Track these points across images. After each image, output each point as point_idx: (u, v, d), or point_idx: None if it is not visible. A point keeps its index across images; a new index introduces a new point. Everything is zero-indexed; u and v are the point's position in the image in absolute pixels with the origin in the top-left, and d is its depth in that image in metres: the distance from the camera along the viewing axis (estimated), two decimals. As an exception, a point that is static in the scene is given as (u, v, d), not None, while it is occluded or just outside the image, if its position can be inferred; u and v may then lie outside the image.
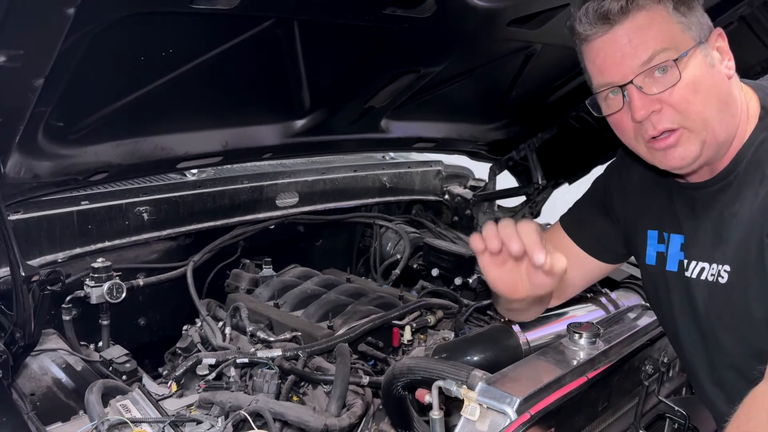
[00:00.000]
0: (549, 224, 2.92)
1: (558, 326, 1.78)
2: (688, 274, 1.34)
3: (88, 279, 2.00)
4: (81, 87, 1.45)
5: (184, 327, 2.12)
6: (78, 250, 2.05)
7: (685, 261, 1.35)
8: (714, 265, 1.28)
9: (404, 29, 1.70)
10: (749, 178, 1.22)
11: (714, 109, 1.18)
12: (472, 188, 3.21)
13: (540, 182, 2.76)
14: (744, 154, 1.23)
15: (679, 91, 1.16)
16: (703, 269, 1.31)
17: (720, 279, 1.26)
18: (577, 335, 1.45)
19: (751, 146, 1.23)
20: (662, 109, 1.17)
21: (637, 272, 2.19)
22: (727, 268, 1.24)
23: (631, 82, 1.17)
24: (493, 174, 2.98)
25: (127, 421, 1.40)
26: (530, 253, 1.12)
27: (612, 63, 1.19)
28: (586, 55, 1.25)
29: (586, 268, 1.58)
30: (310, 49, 1.74)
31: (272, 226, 2.58)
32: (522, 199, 2.92)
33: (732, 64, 1.23)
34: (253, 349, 1.82)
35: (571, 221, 1.60)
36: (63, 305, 1.96)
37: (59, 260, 2.00)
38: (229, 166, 2.51)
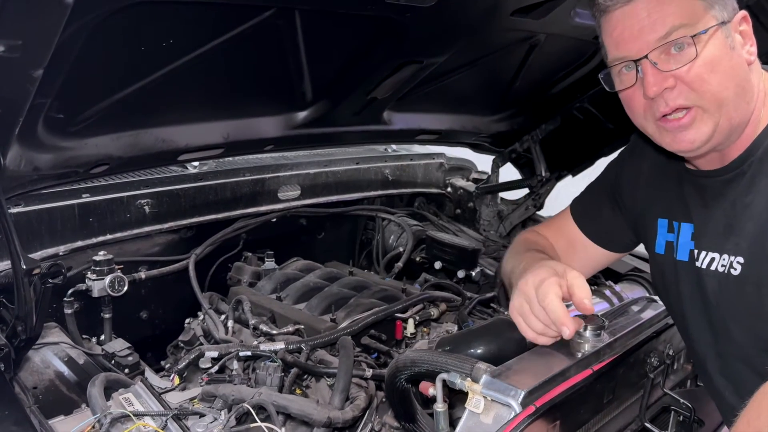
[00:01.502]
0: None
1: (562, 319, 1.76)
2: (698, 264, 1.32)
3: (89, 272, 2.00)
4: (81, 78, 1.44)
5: (187, 320, 2.11)
6: (79, 243, 2.05)
7: (696, 251, 1.33)
8: (725, 256, 1.26)
9: (407, 19, 1.68)
10: (764, 167, 1.19)
11: (730, 92, 1.15)
12: (475, 181, 3.19)
13: (543, 174, 2.75)
14: (760, 143, 1.21)
15: (695, 69, 1.13)
16: (713, 260, 1.29)
17: (732, 270, 1.24)
18: (582, 327, 1.44)
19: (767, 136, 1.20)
20: (676, 86, 1.15)
21: (641, 265, 2.19)
22: (740, 259, 1.22)
23: (646, 56, 1.15)
24: (496, 166, 2.97)
25: (130, 414, 1.40)
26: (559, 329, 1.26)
27: (629, 36, 1.17)
28: (604, 28, 1.23)
29: (592, 256, 1.58)
30: (312, 40, 1.72)
31: (274, 219, 2.58)
32: (525, 191, 2.90)
33: (754, 49, 1.19)
34: (255, 342, 1.82)
35: (580, 211, 1.59)
36: (65, 298, 1.96)
37: (60, 253, 1.99)
38: (230, 158, 2.51)
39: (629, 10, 1.16)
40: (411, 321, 1.98)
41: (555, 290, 1.23)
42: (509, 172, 2.98)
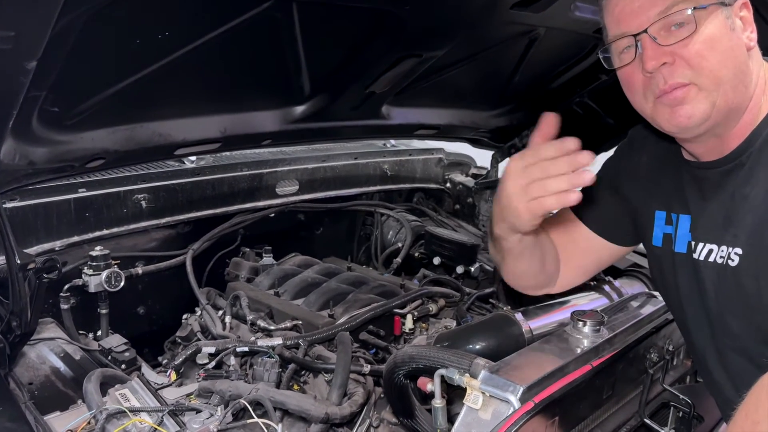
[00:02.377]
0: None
1: (561, 314, 1.76)
2: (696, 255, 1.32)
3: (86, 267, 1.98)
4: (76, 71, 1.42)
5: (184, 316, 2.10)
6: (75, 238, 2.04)
7: (693, 242, 1.33)
8: (723, 248, 1.25)
9: (406, 12, 1.66)
10: (763, 158, 1.19)
11: (729, 71, 1.15)
12: (474, 176, 3.19)
13: (543, 169, 2.73)
14: (759, 134, 1.20)
15: (694, 45, 1.13)
16: (711, 251, 1.28)
17: (730, 262, 1.23)
18: (581, 323, 1.43)
19: (767, 126, 1.20)
20: (675, 62, 1.15)
21: (641, 260, 2.18)
22: (738, 251, 1.22)
23: (645, 31, 1.15)
24: (495, 161, 2.95)
25: (126, 410, 1.39)
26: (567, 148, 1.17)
27: (630, 11, 1.18)
28: (606, 7, 1.24)
29: (597, 251, 1.57)
30: (310, 33, 1.70)
31: (272, 215, 2.56)
32: (524, 186, 2.88)
33: (754, 36, 1.19)
34: (253, 338, 1.81)
35: (582, 204, 1.58)
36: (61, 294, 1.94)
37: (56, 248, 1.98)
38: (228, 153, 2.49)
39: None
40: (409, 316, 1.97)
41: (528, 150, 1.21)
42: (508, 168, 2.97)
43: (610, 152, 1.70)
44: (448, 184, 3.17)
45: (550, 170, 1.18)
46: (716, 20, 1.14)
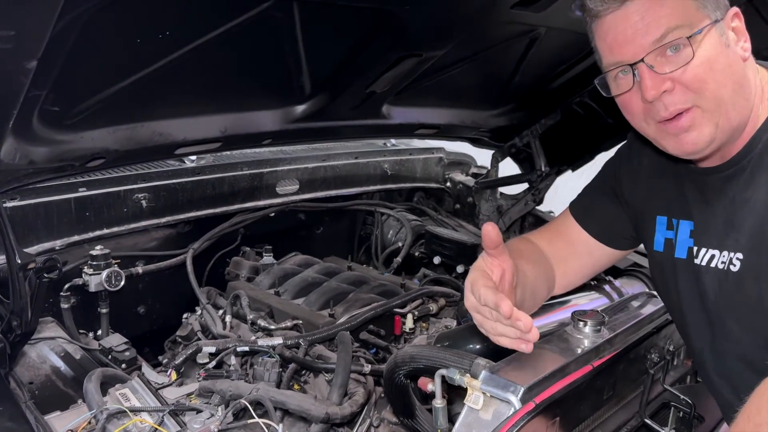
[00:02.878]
0: (552, 212, 2.92)
1: (561, 314, 1.75)
2: (697, 261, 1.31)
3: (86, 267, 1.98)
4: (76, 70, 1.42)
5: (184, 315, 2.11)
6: (76, 238, 2.04)
7: (695, 248, 1.32)
8: (725, 253, 1.25)
9: (406, 11, 1.66)
10: (764, 162, 1.18)
11: (728, 90, 1.14)
12: (474, 175, 3.18)
13: (543, 169, 2.73)
14: (759, 138, 1.20)
15: (692, 69, 1.12)
16: (713, 257, 1.28)
17: (732, 267, 1.23)
18: (581, 323, 1.43)
19: (767, 130, 1.19)
20: (674, 88, 1.13)
21: (641, 260, 2.18)
22: (740, 256, 1.21)
23: (641, 60, 1.13)
24: (495, 161, 2.95)
25: (126, 410, 1.39)
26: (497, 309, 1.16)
27: (623, 40, 1.15)
28: (597, 33, 1.21)
29: (595, 255, 1.56)
30: (310, 32, 1.70)
31: (272, 214, 2.56)
32: (524, 186, 2.89)
33: (748, 45, 1.18)
34: (253, 338, 1.81)
35: (580, 208, 1.58)
36: (61, 293, 1.95)
37: (57, 248, 1.98)
38: (228, 152, 2.49)
39: (621, 14, 1.15)
40: (410, 316, 1.97)
41: (481, 280, 1.20)
42: (509, 167, 2.97)
43: (611, 152, 1.70)
44: (448, 184, 3.17)
45: (492, 316, 1.20)
46: (711, 40, 1.12)
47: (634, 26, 1.14)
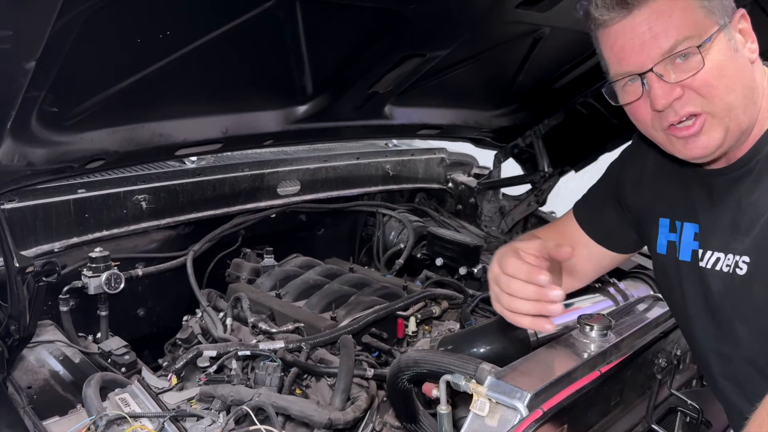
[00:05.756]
0: (554, 213, 2.91)
1: (566, 317, 1.73)
2: (702, 264, 1.30)
3: (85, 269, 1.96)
4: (75, 71, 1.40)
5: (185, 318, 2.09)
6: (75, 240, 2.02)
7: (700, 251, 1.31)
8: (730, 256, 1.23)
9: (410, 11, 1.64)
10: None
11: (738, 95, 1.13)
12: (477, 176, 3.17)
13: (546, 170, 2.72)
14: (766, 141, 1.19)
15: (702, 76, 1.10)
16: (718, 259, 1.26)
17: (738, 270, 1.21)
18: (588, 327, 1.41)
19: None
20: (684, 94, 1.12)
21: (645, 262, 2.16)
22: (746, 259, 1.20)
23: (651, 70, 1.12)
24: (497, 161, 2.93)
25: (126, 416, 1.37)
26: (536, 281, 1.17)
27: (631, 51, 1.13)
28: (602, 41, 1.19)
29: (597, 257, 1.55)
30: (313, 32, 1.68)
31: (273, 215, 2.55)
32: (527, 187, 2.87)
33: (755, 47, 1.17)
34: (255, 341, 1.79)
35: (583, 211, 1.56)
36: (60, 296, 1.93)
37: (56, 250, 1.96)
38: (229, 153, 2.47)
39: (628, 23, 1.13)
40: (413, 319, 1.95)
41: (512, 253, 1.21)
42: (511, 168, 2.95)
43: (614, 153, 1.68)
44: (450, 184, 3.15)
45: (516, 291, 1.20)
46: (720, 45, 1.11)
47: (641, 36, 1.12)
